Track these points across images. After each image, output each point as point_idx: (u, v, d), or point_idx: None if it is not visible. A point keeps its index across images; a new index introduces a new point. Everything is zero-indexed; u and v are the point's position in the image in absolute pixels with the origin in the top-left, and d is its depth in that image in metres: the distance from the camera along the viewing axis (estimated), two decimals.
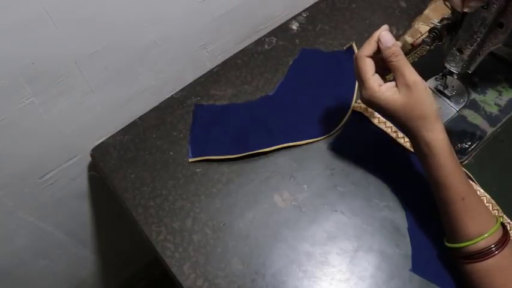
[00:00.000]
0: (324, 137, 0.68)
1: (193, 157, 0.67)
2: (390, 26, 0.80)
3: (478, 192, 0.61)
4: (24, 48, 0.51)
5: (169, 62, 0.70)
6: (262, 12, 0.78)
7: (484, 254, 0.50)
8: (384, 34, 0.52)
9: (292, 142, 0.67)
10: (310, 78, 0.74)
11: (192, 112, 0.71)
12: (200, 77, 0.75)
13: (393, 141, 0.66)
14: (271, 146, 0.66)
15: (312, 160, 0.66)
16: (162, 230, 0.61)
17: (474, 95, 0.72)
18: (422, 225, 0.60)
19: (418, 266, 0.57)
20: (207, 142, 0.68)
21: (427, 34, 0.61)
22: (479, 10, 0.56)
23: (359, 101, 0.71)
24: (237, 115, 0.70)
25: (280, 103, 0.71)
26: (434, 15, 0.81)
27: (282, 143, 0.66)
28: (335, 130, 0.68)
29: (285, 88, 0.73)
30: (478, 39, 0.59)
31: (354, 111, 0.70)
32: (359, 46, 0.77)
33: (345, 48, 0.78)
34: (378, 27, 0.53)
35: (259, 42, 0.79)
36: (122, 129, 0.70)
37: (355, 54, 0.54)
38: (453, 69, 0.65)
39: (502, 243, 0.50)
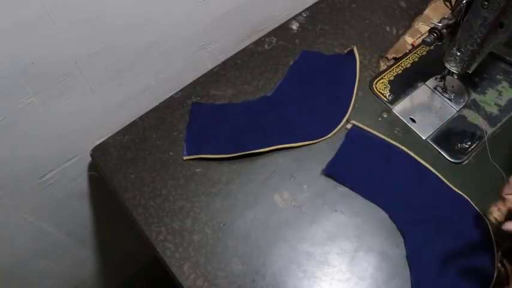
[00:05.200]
0: (319, 140, 0.67)
1: (188, 155, 0.67)
2: (390, 26, 0.81)
3: None
4: (24, 48, 0.51)
5: (169, 62, 0.70)
6: (262, 12, 0.78)
7: None
8: None
9: (287, 144, 0.66)
10: (310, 80, 0.74)
11: (189, 110, 0.71)
12: (200, 77, 0.75)
13: (395, 146, 0.66)
14: (266, 147, 0.66)
15: (312, 160, 0.66)
16: (162, 230, 0.61)
17: (474, 95, 0.72)
18: (424, 251, 0.57)
19: None
20: (203, 141, 0.68)
21: (427, 34, 0.61)
22: (479, 10, 0.56)
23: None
24: (234, 115, 0.70)
25: (278, 104, 0.71)
26: (434, 15, 0.81)
27: (277, 144, 0.66)
28: (331, 134, 0.68)
29: (283, 89, 0.73)
30: (478, 39, 0.59)
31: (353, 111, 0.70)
32: (360, 48, 0.77)
33: (345, 51, 0.77)
34: (377, 27, 0.53)
35: (259, 42, 0.79)
36: (122, 129, 0.70)
37: None
38: (453, 69, 0.65)
39: None
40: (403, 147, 0.66)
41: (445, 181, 0.63)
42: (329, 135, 0.68)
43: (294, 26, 0.81)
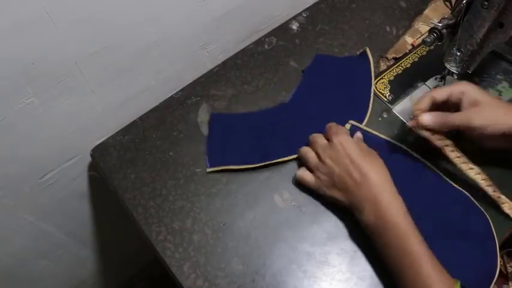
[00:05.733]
0: None
1: (212, 167, 0.65)
2: (390, 26, 0.81)
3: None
4: (24, 48, 0.51)
5: (169, 62, 0.70)
6: (262, 12, 0.78)
7: None
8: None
9: None
10: (325, 84, 0.73)
11: (208, 121, 0.70)
12: (200, 77, 0.75)
13: (395, 146, 0.66)
14: (290, 155, 0.65)
15: None
16: (162, 230, 0.61)
17: None
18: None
19: None
20: (226, 151, 0.66)
21: (427, 34, 0.61)
22: (479, 10, 0.56)
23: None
24: (254, 123, 0.69)
25: (296, 110, 0.71)
26: (434, 15, 0.82)
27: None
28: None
29: (300, 95, 0.72)
30: (478, 39, 0.59)
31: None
32: (360, 48, 0.77)
33: (358, 53, 0.77)
34: (377, 27, 0.53)
35: (259, 42, 0.79)
36: (122, 129, 0.70)
37: None
38: (453, 69, 0.65)
39: None
40: (403, 146, 0.66)
41: (445, 178, 0.63)
42: None
43: (294, 26, 0.81)
